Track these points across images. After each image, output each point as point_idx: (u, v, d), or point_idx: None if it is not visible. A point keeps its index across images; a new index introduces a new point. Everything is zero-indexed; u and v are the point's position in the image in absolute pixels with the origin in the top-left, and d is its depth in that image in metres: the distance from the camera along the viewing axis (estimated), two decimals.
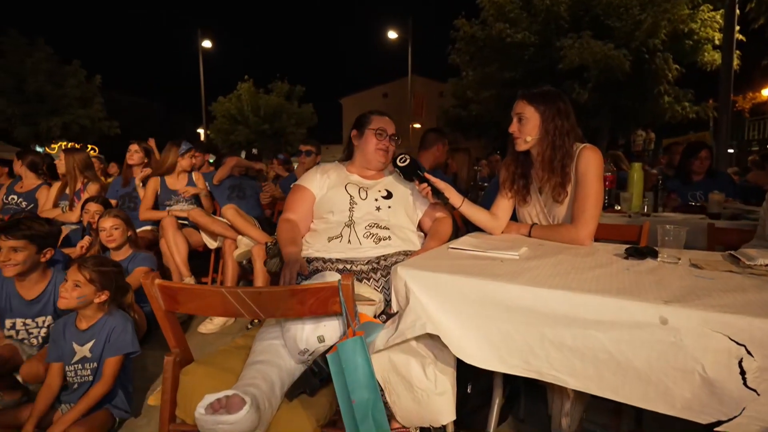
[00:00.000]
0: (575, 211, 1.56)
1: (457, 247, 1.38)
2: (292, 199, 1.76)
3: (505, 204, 1.77)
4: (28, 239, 1.82)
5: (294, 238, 1.60)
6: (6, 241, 1.80)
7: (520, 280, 1.03)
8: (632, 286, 0.98)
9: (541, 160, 1.63)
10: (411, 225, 1.73)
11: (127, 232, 2.55)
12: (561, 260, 1.27)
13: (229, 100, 23.02)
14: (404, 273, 1.12)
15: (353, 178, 1.77)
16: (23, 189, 3.61)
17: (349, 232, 1.59)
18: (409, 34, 16.75)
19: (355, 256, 1.53)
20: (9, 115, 15.39)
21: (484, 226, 1.73)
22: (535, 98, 1.60)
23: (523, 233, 1.71)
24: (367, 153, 1.78)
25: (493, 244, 1.44)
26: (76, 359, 1.69)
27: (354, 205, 1.66)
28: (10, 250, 1.81)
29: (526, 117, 1.60)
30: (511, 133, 1.65)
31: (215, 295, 0.88)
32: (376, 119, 1.79)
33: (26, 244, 1.83)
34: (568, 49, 9.12)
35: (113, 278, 1.73)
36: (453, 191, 1.66)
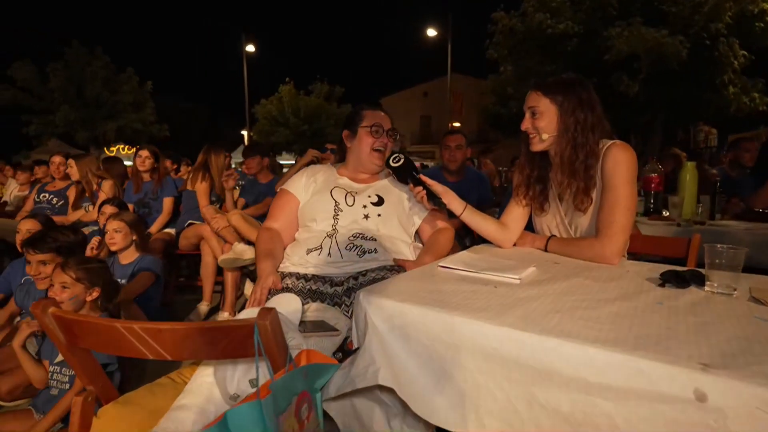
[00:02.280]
0: (600, 222, 1.28)
1: (447, 266, 1.15)
2: (275, 205, 1.60)
3: (518, 212, 1.50)
4: (54, 252, 1.83)
5: (271, 251, 1.42)
6: (34, 255, 1.85)
7: (508, 317, 0.79)
8: (661, 334, 0.72)
9: (560, 162, 1.35)
10: (404, 235, 1.51)
11: (131, 236, 2.50)
12: (573, 287, 1.00)
13: (270, 102, 23.62)
14: (366, 301, 0.91)
15: (342, 181, 1.58)
16: (55, 187, 3.73)
17: (330, 243, 1.40)
18: (448, 32, 16.35)
19: (333, 271, 1.34)
20: (71, 120, 16.57)
21: (491, 237, 1.48)
22: (550, 88, 1.33)
23: (539, 247, 1.44)
24: (362, 154, 1.57)
25: (493, 263, 1.20)
26: (57, 360, 1.63)
27: (339, 212, 1.46)
28: (39, 263, 1.86)
29: (541, 111, 1.34)
30: (524, 130, 1.39)
31: (110, 330, 0.72)
32: (369, 114, 1.59)
33: (53, 257, 1.85)
34: (616, 38, 8.42)
35: (101, 274, 1.67)
36: (453, 196, 1.43)
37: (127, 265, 2.53)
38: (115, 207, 2.94)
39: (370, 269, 1.33)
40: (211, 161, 3.24)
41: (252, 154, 3.69)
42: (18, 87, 16.05)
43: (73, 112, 16.44)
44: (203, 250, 2.98)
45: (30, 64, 16.28)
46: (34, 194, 3.73)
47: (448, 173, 2.87)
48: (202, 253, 2.99)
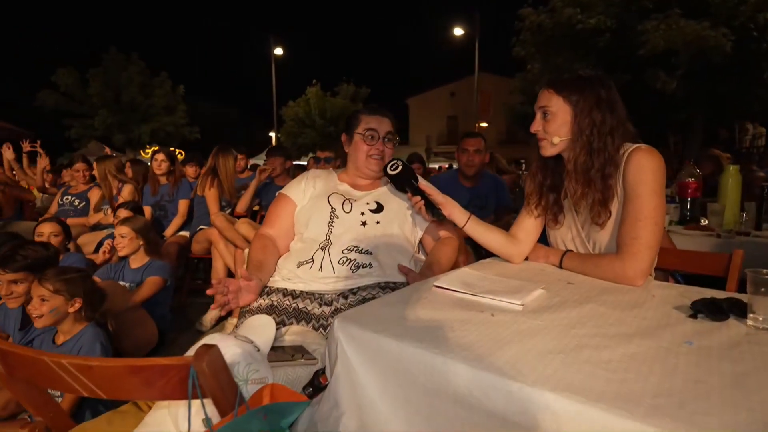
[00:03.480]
0: (622, 238, 1.12)
1: (442, 286, 1.03)
2: (271, 209, 1.51)
3: (529, 224, 1.36)
4: (26, 270, 1.79)
5: (261, 263, 1.33)
6: (4, 275, 1.76)
7: (499, 358, 0.67)
8: (687, 391, 0.57)
9: (574, 169, 1.20)
10: (405, 245, 1.39)
11: (138, 241, 2.49)
12: (585, 316, 0.86)
13: (297, 104, 23.92)
14: (340, 329, 0.81)
15: (341, 187, 1.48)
16: (77, 190, 3.82)
17: (323, 256, 1.30)
18: (475, 30, 16.04)
19: (323, 288, 1.24)
20: (108, 123, 17.29)
21: (499, 252, 1.34)
22: (564, 86, 1.18)
23: (552, 263, 1.29)
24: (358, 161, 1.47)
25: (496, 283, 1.06)
26: None
27: (335, 219, 1.36)
28: (10, 283, 1.78)
29: (553, 111, 1.19)
30: (534, 133, 1.25)
31: (38, 364, 0.64)
32: (364, 119, 1.48)
33: (25, 275, 1.79)
34: (652, 32, 7.93)
35: (81, 284, 1.63)
36: (454, 206, 1.30)
37: (136, 269, 2.53)
38: (130, 211, 2.96)
39: (362, 286, 1.22)
40: (219, 165, 3.21)
41: (275, 154, 3.66)
42: (61, 92, 16.89)
43: (111, 116, 17.16)
44: (213, 255, 2.96)
45: (72, 70, 17.11)
46: (58, 197, 3.83)
47: (464, 178, 2.72)
48: (213, 258, 2.97)
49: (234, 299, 1.14)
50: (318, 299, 1.21)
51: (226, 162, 3.22)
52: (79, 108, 17.18)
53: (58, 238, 2.52)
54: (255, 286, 1.20)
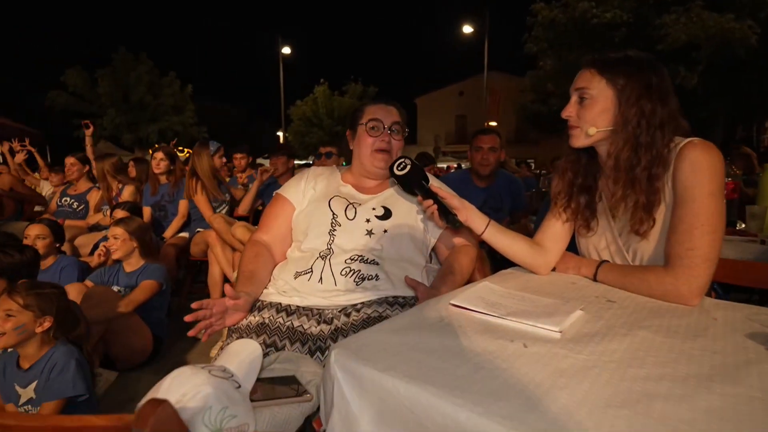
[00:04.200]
0: (674, 248, 0.95)
1: (461, 305, 0.87)
2: (267, 212, 1.36)
3: (557, 229, 1.19)
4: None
5: (253, 273, 1.18)
6: None
7: (540, 414, 0.51)
8: None
9: (615, 166, 1.03)
10: (416, 256, 1.23)
11: (131, 243, 2.36)
12: (639, 348, 0.70)
13: (305, 103, 23.90)
14: (337, 364, 0.65)
15: (345, 189, 1.32)
16: (76, 191, 3.72)
17: (323, 266, 1.14)
18: (485, 28, 15.79)
19: (322, 303, 1.08)
20: (117, 123, 17.36)
21: (523, 262, 1.17)
22: (609, 67, 1.01)
23: (585, 275, 1.13)
24: (363, 157, 1.31)
25: (524, 301, 0.90)
26: (23, 401, 1.45)
27: (336, 226, 1.20)
28: None
29: (593, 95, 1.02)
30: (566, 118, 1.07)
31: None
32: (368, 110, 1.32)
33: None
34: (672, 25, 7.65)
35: (54, 301, 1.47)
36: (472, 210, 1.13)
37: (131, 273, 2.40)
38: (126, 212, 2.84)
39: (366, 302, 1.06)
40: (196, 165, 3.06)
41: (278, 153, 3.51)
42: (70, 93, 16.99)
43: (119, 115, 17.23)
44: (209, 259, 2.83)
45: (81, 70, 17.20)
46: (57, 197, 3.73)
47: (477, 178, 2.53)
48: (209, 262, 2.83)
49: (219, 321, 1.00)
50: (316, 316, 1.06)
51: (201, 161, 3.06)
52: (88, 108, 17.27)
53: (44, 241, 2.39)
54: (243, 303, 1.05)
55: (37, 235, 2.42)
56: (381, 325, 0.80)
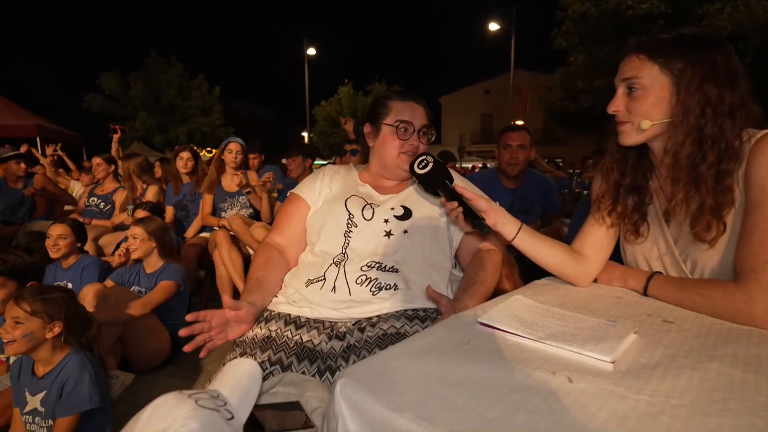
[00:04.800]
0: (746, 261, 0.80)
1: (490, 324, 0.75)
2: (281, 213, 1.28)
3: (599, 236, 1.05)
4: (5, 275, 1.65)
5: (261, 281, 1.09)
6: None
7: None
8: None
9: (674, 163, 0.88)
10: (441, 259, 1.12)
11: (150, 243, 2.34)
12: (715, 389, 0.56)
13: (329, 103, 24.07)
14: (344, 399, 0.55)
15: (363, 189, 1.22)
16: (103, 191, 3.78)
17: (337, 273, 1.04)
18: (512, 24, 15.42)
19: (334, 315, 0.98)
20: (149, 125, 17.91)
21: (560, 273, 1.04)
22: (662, 50, 0.86)
23: (633, 288, 0.99)
24: (386, 158, 1.20)
25: (564, 320, 0.77)
26: (27, 410, 1.42)
27: (353, 227, 1.11)
28: None
29: (644, 84, 0.88)
30: (614, 113, 0.94)
31: None
32: (396, 106, 1.20)
33: (4, 281, 1.66)
34: (715, 15, 7.18)
35: (63, 306, 1.42)
36: (501, 213, 1.01)
37: (151, 274, 2.38)
38: (147, 212, 2.83)
39: (383, 315, 0.96)
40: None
41: (292, 153, 3.46)
42: (106, 96, 17.64)
43: (151, 117, 17.77)
44: (215, 259, 2.79)
45: (116, 74, 17.84)
46: (85, 197, 3.80)
47: (505, 178, 2.36)
48: (215, 263, 2.79)
49: (220, 335, 0.91)
50: (328, 329, 0.96)
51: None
52: (122, 110, 17.90)
53: (66, 241, 2.40)
54: (246, 314, 0.97)
55: (59, 235, 2.43)
56: (397, 347, 0.69)
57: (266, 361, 0.87)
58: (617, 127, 0.94)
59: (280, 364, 0.87)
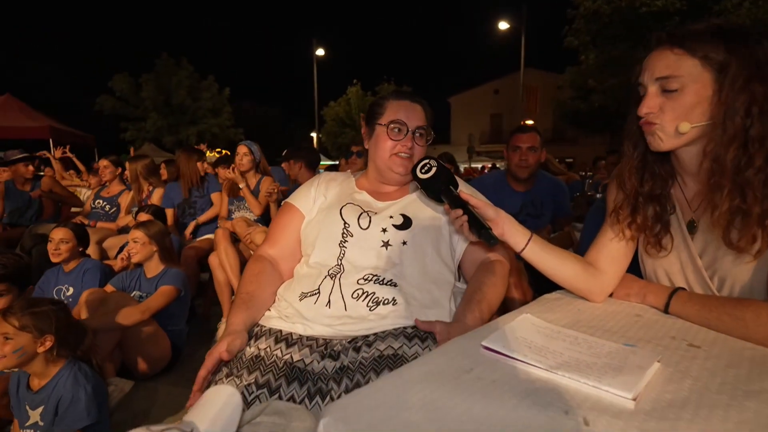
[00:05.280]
0: None
1: (495, 349, 0.68)
2: (275, 223, 1.22)
3: (615, 248, 0.97)
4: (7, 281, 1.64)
5: (251, 295, 1.03)
6: None
7: None
8: None
9: (714, 169, 0.79)
10: (444, 272, 1.05)
11: (151, 247, 2.30)
12: None
13: (338, 104, 24.09)
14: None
15: (360, 196, 1.15)
16: (109, 194, 3.77)
17: (332, 287, 0.98)
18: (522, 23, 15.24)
19: (327, 332, 0.92)
20: (159, 126, 18.09)
21: (572, 286, 0.96)
22: (701, 42, 0.77)
23: (653, 304, 0.91)
24: (379, 161, 1.14)
25: (577, 344, 0.70)
26: (29, 423, 1.38)
27: (348, 237, 1.04)
28: None
29: (683, 83, 0.78)
30: (645, 116, 0.84)
31: None
32: (390, 106, 1.14)
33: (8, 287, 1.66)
34: (733, 11, 6.97)
35: (53, 319, 1.38)
36: (510, 222, 0.93)
37: (151, 278, 2.35)
38: (150, 215, 2.80)
39: (380, 333, 0.89)
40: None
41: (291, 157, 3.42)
42: (117, 97, 17.85)
43: (161, 118, 17.94)
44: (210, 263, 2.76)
45: (127, 76, 18.04)
46: (91, 199, 3.80)
47: (514, 181, 2.27)
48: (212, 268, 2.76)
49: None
50: (321, 347, 0.89)
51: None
52: (133, 112, 18.09)
53: (68, 245, 2.38)
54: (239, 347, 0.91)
55: (61, 239, 2.41)
56: (392, 377, 0.63)
57: (252, 384, 0.80)
58: (647, 131, 0.85)
59: (268, 387, 0.80)
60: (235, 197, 3.15)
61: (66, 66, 45.46)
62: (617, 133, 12.90)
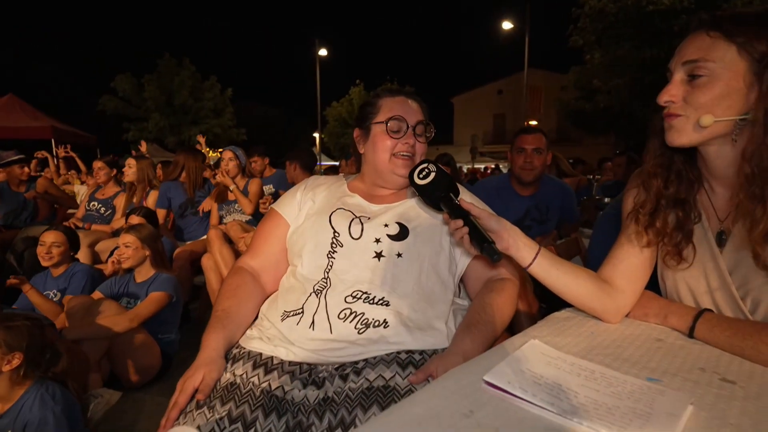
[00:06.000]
0: None
1: (500, 387, 0.58)
2: (258, 231, 1.12)
3: (632, 261, 0.87)
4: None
5: (228, 312, 0.93)
6: None
7: None
8: None
9: (752, 176, 0.69)
10: (442, 290, 0.95)
11: (143, 251, 2.22)
12: None
13: (341, 104, 24.04)
14: None
15: (351, 200, 1.06)
16: (104, 196, 3.70)
17: (317, 305, 0.88)
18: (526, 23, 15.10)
19: (311, 357, 0.83)
20: (161, 126, 18.07)
21: (585, 305, 0.86)
22: (743, 26, 0.68)
23: (675, 327, 0.81)
24: (380, 163, 1.04)
25: (592, 382, 0.61)
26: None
27: (338, 247, 0.95)
28: None
29: (713, 70, 0.69)
30: (665, 105, 0.75)
31: None
32: (386, 103, 1.05)
33: None
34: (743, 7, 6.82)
35: (25, 335, 1.28)
36: (516, 235, 0.84)
37: (142, 283, 2.26)
38: (142, 218, 2.72)
39: (370, 359, 0.80)
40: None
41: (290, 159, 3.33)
42: (119, 97, 17.85)
43: (163, 119, 17.92)
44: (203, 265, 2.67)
45: (130, 76, 18.03)
46: (85, 201, 3.73)
47: (519, 184, 2.15)
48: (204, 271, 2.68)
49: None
50: (305, 374, 0.80)
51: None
52: (135, 112, 18.08)
53: (60, 249, 2.31)
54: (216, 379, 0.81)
55: (53, 242, 2.34)
56: (378, 420, 0.53)
57: (225, 417, 0.71)
58: (667, 122, 0.75)
59: (242, 421, 0.71)
60: (224, 202, 3.09)
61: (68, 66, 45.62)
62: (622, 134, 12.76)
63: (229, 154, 3.08)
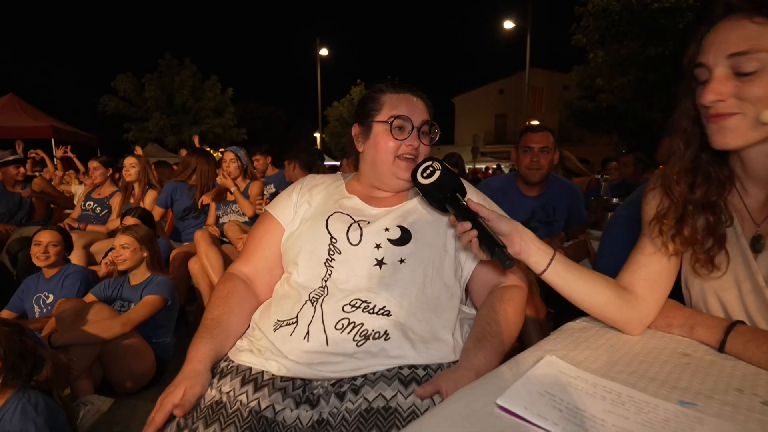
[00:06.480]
0: None
1: (512, 411, 0.52)
2: (251, 235, 1.06)
3: (655, 268, 0.80)
4: None
5: (218, 320, 0.87)
6: None
7: None
8: None
9: None
10: (447, 298, 0.88)
11: (141, 253, 2.16)
12: None
13: (342, 104, 23.99)
14: None
15: (349, 202, 0.99)
16: (100, 195, 3.64)
17: (312, 314, 0.82)
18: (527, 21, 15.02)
19: (305, 372, 0.76)
20: (162, 126, 18.01)
21: (604, 315, 0.79)
22: None
23: (703, 340, 0.74)
24: (380, 165, 0.97)
25: (618, 403, 0.54)
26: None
27: (336, 254, 0.88)
28: None
29: (766, 60, 0.61)
30: (710, 105, 0.66)
31: None
32: (389, 100, 0.98)
33: None
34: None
35: (3, 342, 1.22)
36: (528, 239, 0.77)
37: (136, 286, 2.20)
38: (137, 219, 2.66)
39: (369, 375, 0.73)
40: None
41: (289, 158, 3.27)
42: (120, 97, 17.79)
43: (164, 119, 17.86)
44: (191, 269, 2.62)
45: (130, 76, 17.97)
46: (81, 202, 3.67)
47: (525, 185, 2.07)
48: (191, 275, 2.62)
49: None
50: (298, 391, 0.74)
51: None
52: (136, 112, 18.02)
53: (57, 248, 2.25)
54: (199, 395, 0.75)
55: (50, 242, 2.29)
56: None
57: None
58: (714, 124, 0.67)
59: None
60: (221, 201, 3.03)
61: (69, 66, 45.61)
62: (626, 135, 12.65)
63: (230, 155, 3.02)
